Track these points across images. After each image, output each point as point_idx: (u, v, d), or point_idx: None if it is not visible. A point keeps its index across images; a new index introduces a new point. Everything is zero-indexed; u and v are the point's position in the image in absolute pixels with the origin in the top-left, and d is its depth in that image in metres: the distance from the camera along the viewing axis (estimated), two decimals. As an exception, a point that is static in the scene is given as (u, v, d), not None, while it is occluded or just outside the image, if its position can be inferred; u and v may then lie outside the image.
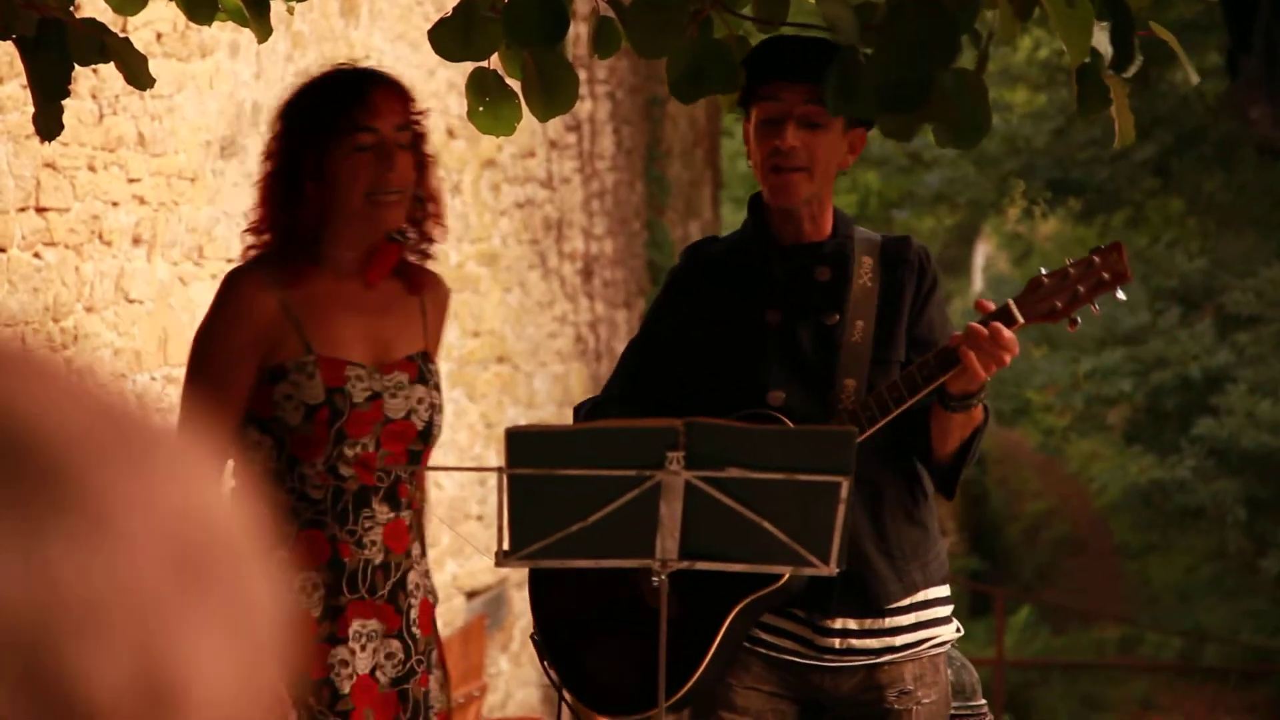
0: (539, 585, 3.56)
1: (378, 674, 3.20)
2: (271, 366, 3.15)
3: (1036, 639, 16.47)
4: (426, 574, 3.30)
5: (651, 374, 3.55)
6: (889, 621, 3.48)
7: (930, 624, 3.53)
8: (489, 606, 8.25)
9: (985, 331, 3.29)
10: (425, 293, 3.31)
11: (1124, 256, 3.45)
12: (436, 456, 8.13)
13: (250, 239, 3.22)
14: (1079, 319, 3.45)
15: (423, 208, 3.26)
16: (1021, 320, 3.37)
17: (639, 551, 3.22)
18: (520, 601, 8.58)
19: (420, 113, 3.23)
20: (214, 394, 3.16)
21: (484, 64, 3.25)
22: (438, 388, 3.28)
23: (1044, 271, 3.46)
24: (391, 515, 3.21)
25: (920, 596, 3.51)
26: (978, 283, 24.40)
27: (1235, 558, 15.94)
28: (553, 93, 3.24)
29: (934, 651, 3.53)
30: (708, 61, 3.09)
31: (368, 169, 3.15)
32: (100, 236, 5.05)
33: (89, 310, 5.00)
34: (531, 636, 3.57)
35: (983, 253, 26.43)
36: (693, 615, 3.40)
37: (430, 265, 3.35)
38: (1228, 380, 14.24)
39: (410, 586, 3.24)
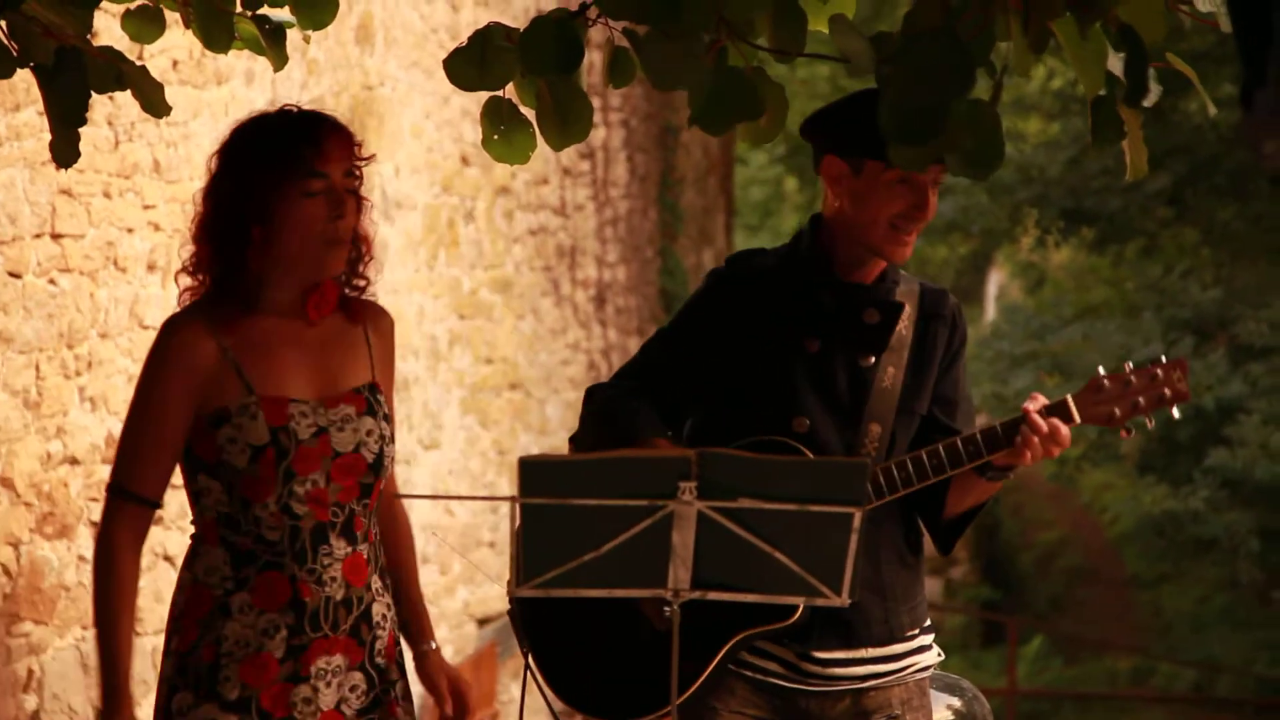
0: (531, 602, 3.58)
1: (343, 708, 3.19)
2: (211, 411, 3.14)
3: (1049, 669, 16.42)
4: (390, 605, 3.29)
5: (674, 374, 3.55)
6: (875, 651, 3.52)
7: (914, 652, 3.57)
8: (500, 634, 8.25)
9: (1045, 427, 3.37)
10: (368, 322, 3.28)
11: (1186, 374, 3.52)
12: (449, 483, 8.14)
13: (186, 280, 3.19)
14: (1133, 429, 3.51)
15: (356, 248, 3.23)
16: (1078, 420, 3.45)
17: (651, 581, 3.22)
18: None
19: (365, 159, 3.20)
20: (151, 442, 3.14)
21: (499, 93, 3.26)
22: (388, 419, 3.25)
23: (1103, 373, 3.50)
24: (349, 549, 3.19)
25: (906, 643, 3.55)
26: (990, 311, 24.39)
27: (1248, 588, 15.89)
28: (568, 122, 3.24)
29: (919, 676, 3.57)
30: (728, 91, 3.09)
31: (317, 214, 3.12)
32: (115, 263, 5.06)
33: (103, 336, 5.00)
34: (509, 612, 3.60)
35: (996, 281, 26.43)
36: (689, 635, 3.41)
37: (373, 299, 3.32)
38: (1241, 411, 14.22)
39: (376, 619, 3.23)
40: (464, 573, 7.82)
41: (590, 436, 3.55)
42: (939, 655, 3.62)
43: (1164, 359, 3.56)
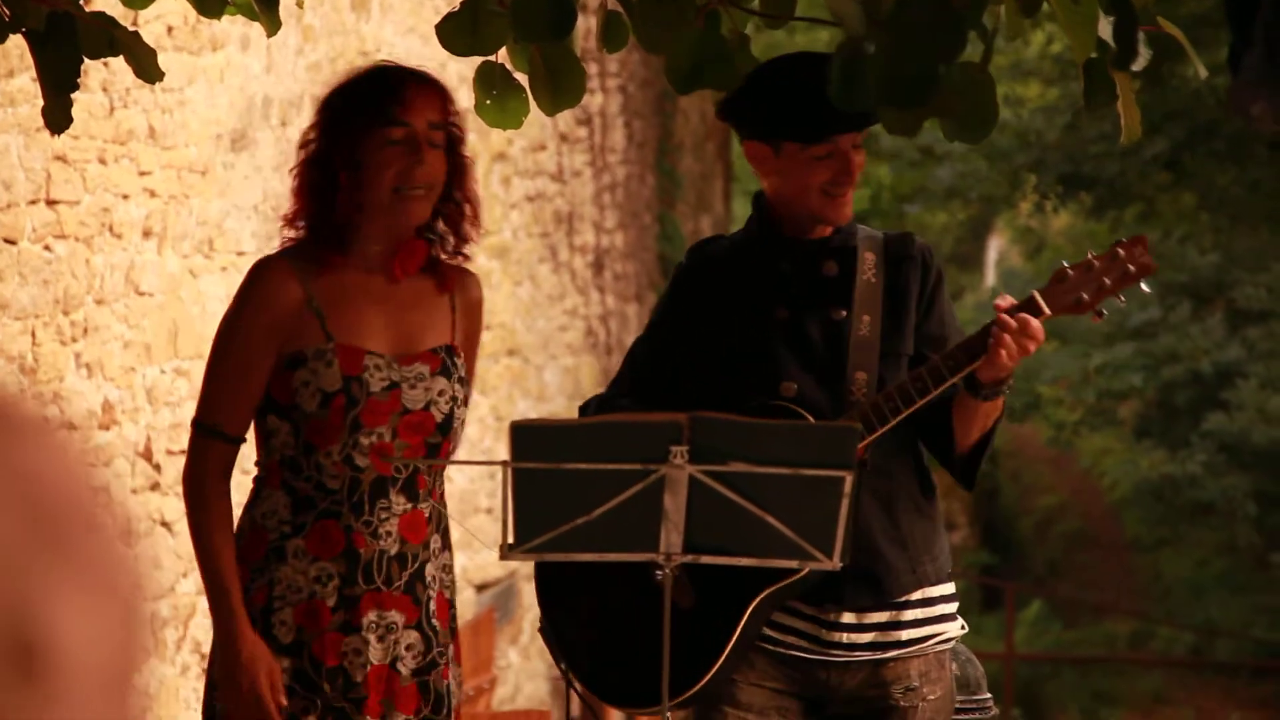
0: (547, 575, 3.58)
1: (399, 666, 3.22)
2: (291, 353, 3.19)
3: (1047, 633, 16.46)
4: (446, 568, 3.31)
5: (660, 370, 3.57)
6: (897, 615, 3.50)
7: (937, 620, 3.55)
8: (498, 600, 8.27)
9: (1014, 323, 3.33)
10: (456, 291, 3.32)
11: (1147, 249, 3.49)
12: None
13: (288, 231, 3.26)
14: (1104, 311, 3.48)
15: (458, 208, 3.28)
16: (1048, 311, 3.41)
17: (643, 545, 3.23)
18: (530, 594, 8.59)
19: (458, 114, 3.26)
20: (236, 379, 3.20)
21: (491, 58, 3.26)
22: (462, 381, 3.28)
23: (1067, 264, 3.48)
24: (409, 506, 3.22)
25: (929, 592, 3.53)
26: (990, 277, 24.39)
27: (1246, 552, 15.93)
28: (560, 86, 3.25)
29: (940, 648, 3.55)
30: (708, 58, 3.10)
31: (396, 162, 3.18)
32: (111, 229, 5.06)
33: (99, 303, 5.01)
34: (540, 629, 3.59)
35: (995, 247, 26.41)
36: (709, 609, 3.42)
37: (469, 266, 3.36)
38: (1239, 375, 14.24)
39: (428, 579, 3.26)
40: (462, 539, 7.84)
41: None
42: (963, 628, 3.60)
43: (1124, 239, 3.54)
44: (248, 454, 3.29)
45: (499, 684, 8.21)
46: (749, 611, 3.43)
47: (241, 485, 3.25)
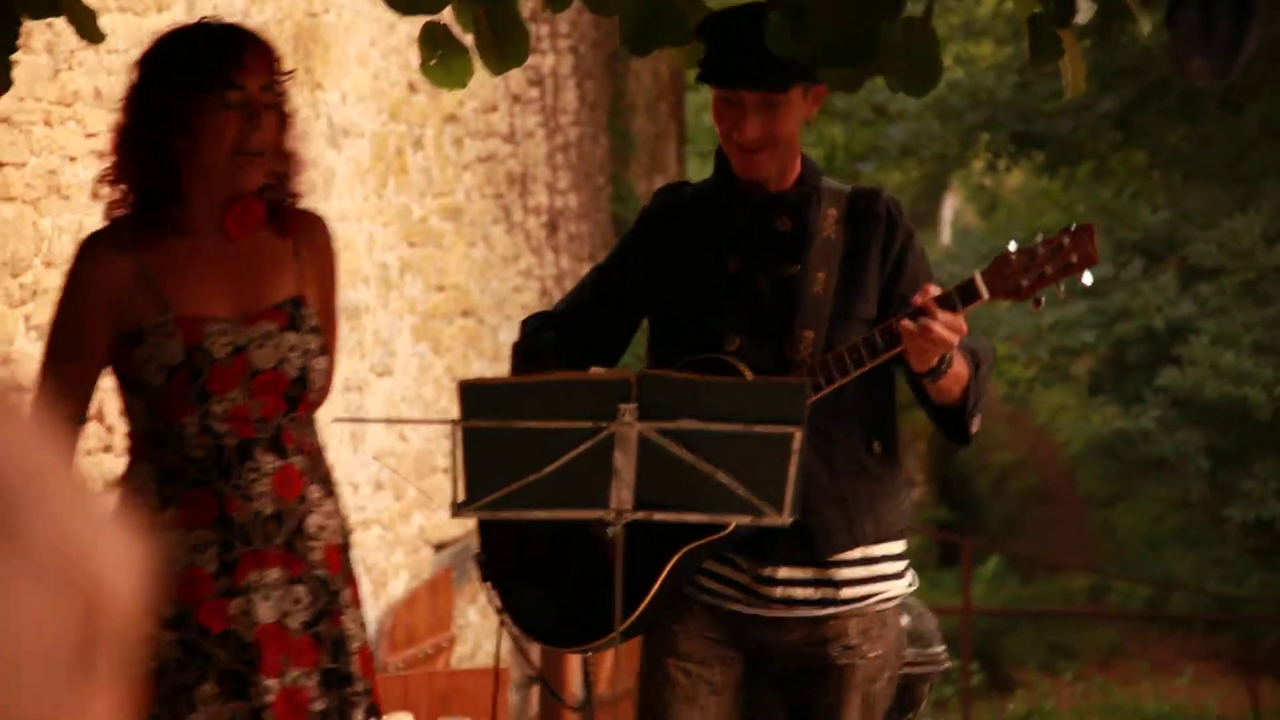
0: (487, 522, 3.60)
1: (286, 621, 3.17)
2: (129, 330, 3.13)
3: (1004, 589, 16.57)
4: (330, 515, 3.25)
5: (605, 299, 3.58)
6: (833, 574, 3.48)
7: (879, 579, 3.52)
8: (456, 559, 8.29)
9: (913, 327, 3.29)
10: (301, 234, 3.25)
11: (1094, 240, 3.43)
12: (401, 410, 8.13)
13: (107, 191, 3.17)
14: (1043, 299, 3.44)
15: (285, 162, 3.20)
16: (986, 296, 3.38)
17: (594, 502, 3.24)
18: (486, 555, 8.60)
19: (286, 72, 3.18)
20: (71, 362, 3.15)
21: (436, 18, 3.25)
22: (315, 330, 3.21)
23: (1012, 248, 3.43)
24: (279, 464, 3.17)
25: (870, 551, 3.50)
26: (945, 236, 24.44)
27: (1199, 507, 16.05)
28: (505, 47, 3.24)
29: (881, 606, 3.53)
30: (660, 16, 3.10)
31: (233, 126, 3.10)
32: (58, 191, 5.04)
33: (48, 265, 4.99)
34: (475, 556, 3.62)
35: (951, 206, 26.47)
36: (635, 558, 3.43)
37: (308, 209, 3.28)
38: (1191, 331, 14.32)
39: (311, 530, 3.20)
40: (419, 499, 7.85)
41: (513, 370, 3.60)
42: (911, 585, 3.57)
43: (1073, 226, 3.49)
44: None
45: (458, 643, 8.23)
46: (671, 564, 3.44)
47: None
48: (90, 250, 3.16)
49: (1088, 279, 3.46)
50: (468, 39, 3.31)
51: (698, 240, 3.51)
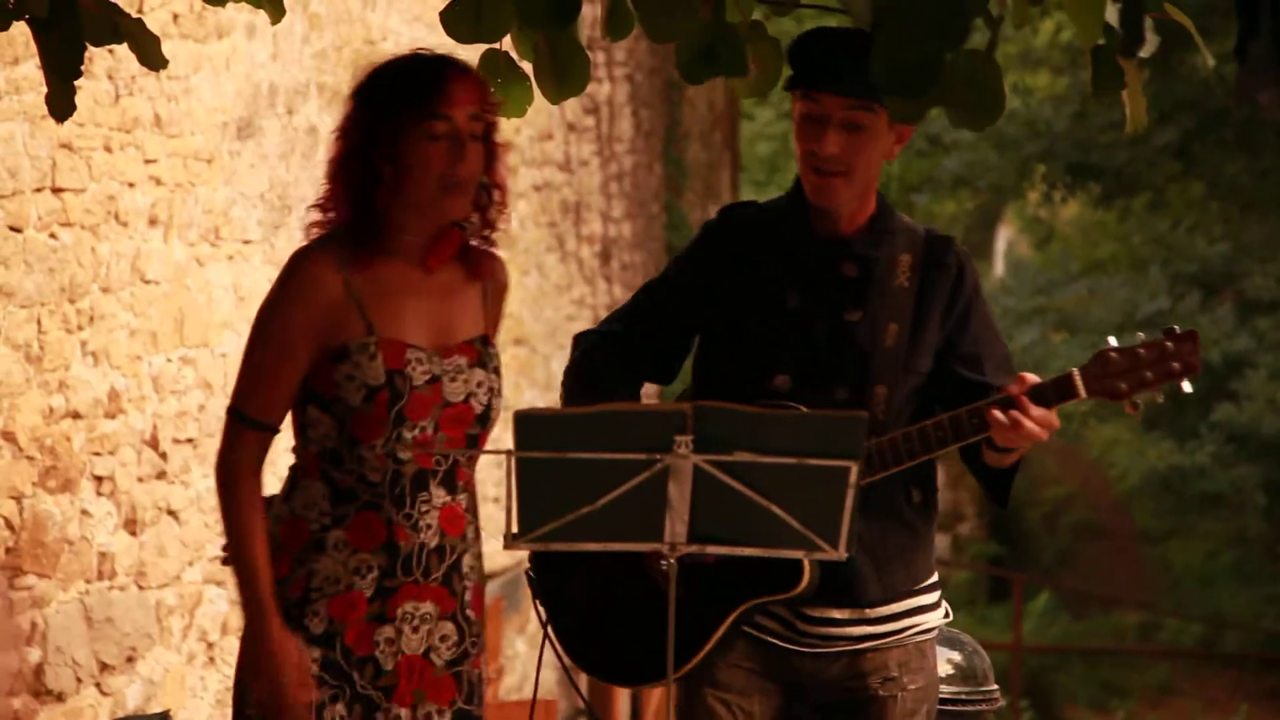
0: (542, 555, 3.59)
1: (432, 656, 3.24)
2: (334, 346, 3.18)
3: (1055, 624, 16.46)
4: (480, 556, 3.33)
5: (659, 317, 3.55)
6: (869, 613, 3.47)
7: (915, 612, 3.51)
8: (506, 589, 8.27)
9: (1004, 419, 3.28)
10: (486, 278, 3.33)
11: (1198, 347, 3.39)
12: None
13: (317, 215, 3.24)
14: (1140, 403, 3.40)
15: (488, 195, 3.28)
16: (1083, 394, 3.35)
17: (648, 535, 3.22)
18: (537, 584, 8.59)
19: (494, 103, 3.24)
20: (274, 369, 3.19)
21: (496, 46, 3.25)
22: (497, 371, 3.31)
23: (1113, 345, 3.39)
24: (448, 499, 3.24)
25: (905, 603, 3.49)
26: (999, 267, 24.35)
27: (1255, 543, 15.91)
28: (565, 75, 3.24)
29: (920, 638, 3.51)
30: (718, 45, 3.09)
31: (440, 158, 3.16)
32: (116, 217, 5.06)
33: (105, 291, 5.01)
34: (526, 573, 3.62)
35: (1005, 236, 26.38)
36: (696, 600, 3.41)
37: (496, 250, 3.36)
38: (1248, 366, 14.22)
39: (465, 569, 3.28)
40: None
41: (566, 392, 3.59)
42: (946, 616, 3.56)
43: (1176, 329, 3.43)
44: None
45: (506, 673, 8.21)
46: (735, 614, 3.44)
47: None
48: (303, 262, 3.22)
49: (1187, 386, 3.42)
50: (527, 66, 3.31)
51: (759, 265, 3.47)
